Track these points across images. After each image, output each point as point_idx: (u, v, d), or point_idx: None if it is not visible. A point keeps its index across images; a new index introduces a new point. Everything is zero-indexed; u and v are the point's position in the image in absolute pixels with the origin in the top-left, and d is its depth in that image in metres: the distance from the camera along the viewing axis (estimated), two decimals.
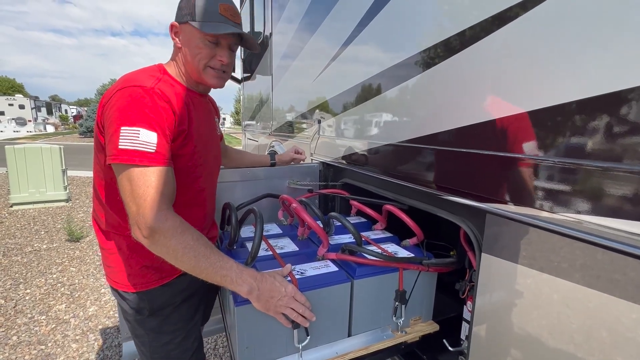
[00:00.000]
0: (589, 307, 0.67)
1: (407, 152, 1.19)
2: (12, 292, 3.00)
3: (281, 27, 2.56)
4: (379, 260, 1.10)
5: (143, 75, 0.98)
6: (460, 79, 0.93)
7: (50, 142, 14.24)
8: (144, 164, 0.86)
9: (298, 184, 1.83)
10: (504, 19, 0.79)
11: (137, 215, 0.85)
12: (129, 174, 0.86)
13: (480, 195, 0.88)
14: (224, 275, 0.88)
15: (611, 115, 0.61)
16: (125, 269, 1.07)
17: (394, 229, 1.44)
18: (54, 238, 4.31)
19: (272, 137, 3.08)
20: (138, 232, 0.87)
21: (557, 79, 0.69)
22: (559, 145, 0.70)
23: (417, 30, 1.11)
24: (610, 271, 0.63)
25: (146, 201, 0.85)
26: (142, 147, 0.85)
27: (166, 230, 0.85)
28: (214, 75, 1.07)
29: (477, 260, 0.95)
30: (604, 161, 0.63)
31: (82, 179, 8.21)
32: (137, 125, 0.86)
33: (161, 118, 0.91)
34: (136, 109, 0.87)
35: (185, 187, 1.06)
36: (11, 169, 5.31)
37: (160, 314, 1.11)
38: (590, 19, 0.64)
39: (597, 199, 0.64)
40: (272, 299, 0.89)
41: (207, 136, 1.16)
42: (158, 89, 0.93)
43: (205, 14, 0.98)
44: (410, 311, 1.18)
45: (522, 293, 0.82)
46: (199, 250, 0.87)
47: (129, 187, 0.86)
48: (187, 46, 1.02)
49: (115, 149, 0.85)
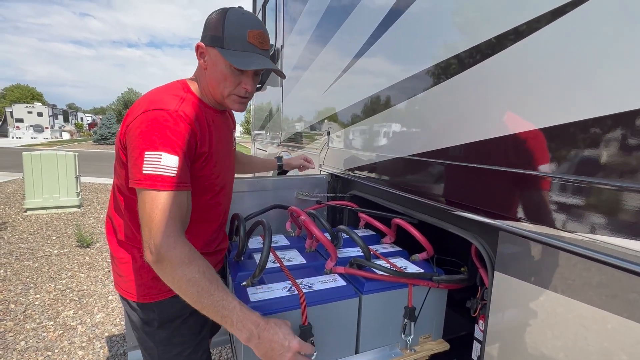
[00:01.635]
0: (606, 329, 0.65)
1: (417, 166, 1.18)
2: (22, 296, 3.03)
3: (292, 40, 2.60)
4: (388, 275, 1.08)
5: (167, 95, 0.97)
6: (473, 94, 0.93)
7: (65, 148, 14.64)
8: (165, 188, 0.87)
9: (306, 195, 1.83)
10: (521, 33, 0.78)
11: (149, 239, 0.85)
12: (148, 198, 0.87)
13: (493, 212, 0.87)
14: (225, 316, 0.82)
15: (629, 133, 0.59)
16: (136, 279, 1.07)
17: (402, 243, 1.42)
18: (64, 243, 4.37)
19: (281, 147, 3.11)
20: (149, 255, 0.86)
21: (574, 96, 0.68)
22: (575, 162, 0.69)
23: (431, 44, 1.11)
24: (628, 293, 0.61)
25: (158, 226, 0.85)
26: (164, 172, 0.86)
27: (173, 258, 0.84)
28: (237, 101, 1.06)
29: (489, 279, 0.92)
30: (620, 180, 0.61)
31: (94, 185, 8.37)
32: (159, 150, 0.87)
33: (183, 141, 0.91)
34: (159, 133, 0.88)
35: (202, 204, 1.07)
36: (27, 175, 5.45)
37: (170, 326, 1.10)
38: (610, 32, 0.63)
39: (614, 218, 0.62)
40: (273, 351, 0.82)
41: (225, 153, 1.17)
42: (182, 112, 0.93)
43: (234, 42, 0.96)
44: (419, 329, 1.15)
45: (537, 313, 0.79)
46: (202, 285, 0.83)
47: (146, 210, 0.87)
48: (212, 70, 1.01)
49: (139, 173, 0.86)
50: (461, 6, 0.99)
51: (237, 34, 0.96)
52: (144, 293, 1.07)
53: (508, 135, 0.82)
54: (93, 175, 9.43)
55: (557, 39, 0.71)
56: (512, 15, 0.80)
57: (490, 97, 0.88)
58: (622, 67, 0.61)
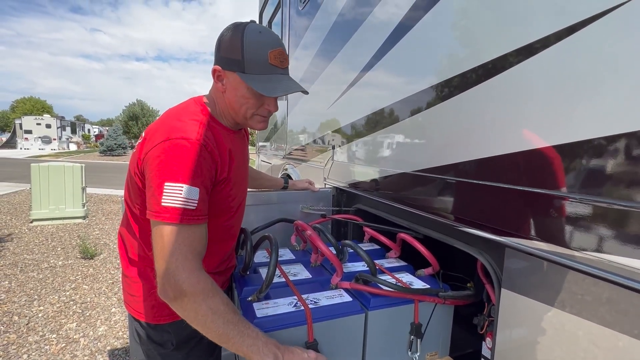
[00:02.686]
0: (615, 347, 0.64)
1: (422, 181, 1.19)
2: (26, 308, 3.03)
3: (298, 54, 2.66)
4: (394, 291, 1.07)
5: (186, 120, 0.94)
6: (480, 111, 0.94)
7: (72, 159, 14.79)
8: (184, 222, 0.83)
9: (311, 208, 1.83)
10: (530, 50, 0.80)
11: (167, 275, 0.81)
12: (166, 231, 0.83)
13: (500, 228, 0.87)
14: (251, 344, 0.80)
15: (636, 152, 0.60)
16: (149, 299, 1.04)
17: (408, 257, 1.42)
18: (69, 255, 4.38)
19: (286, 160, 3.13)
20: (166, 292, 0.82)
21: (579, 114, 0.69)
22: (581, 180, 0.69)
23: (437, 60, 1.13)
24: (633, 310, 0.60)
25: (178, 260, 0.81)
26: (184, 205, 0.83)
27: (197, 294, 0.80)
28: (260, 121, 1.04)
29: (496, 296, 0.92)
30: (625, 198, 0.61)
31: (99, 196, 8.43)
32: (180, 182, 0.84)
33: (204, 171, 0.89)
34: (180, 164, 0.85)
35: (218, 225, 1.05)
36: (34, 186, 5.51)
37: (186, 346, 1.07)
38: (619, 49, 0.65)
39: (619, 236, 0.62)
40: None
41: (242, 176, 1.15)
42: (203, 140, 0.90)
43: (255, 66, 0.92)
44: (426, 346, 1.14)
45: (545, 331, 0.78)
46: (228, 317, 0.81)
47: (164, 244, 0.82)
48: (232, 94, 0.97)
49: (158, 205, 0.83)
50: (467, 24, 1.02)
51: (257, 58, 0.92)
52: (158, 314, 1.04)
53: (514, 153, 0.83)
54: (99, 186, 9.52)
55: (562, 58, 0.73)
56: (517, 35, 0.82)
57: (496, 114, 0.89)
58: (629, 86, 0.62)
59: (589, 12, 0.66)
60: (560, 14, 0.72)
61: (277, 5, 3.32)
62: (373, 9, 1.50)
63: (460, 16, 1.05)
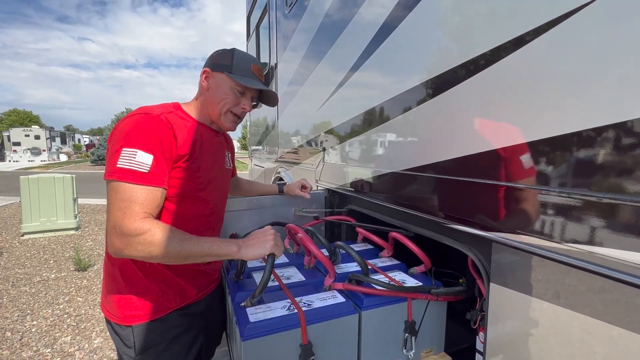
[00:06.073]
0: (600, 338, 0.65)
1: (412, 180, 1.20)
2: (18, 324, 2.98)
3: (287, 57, 2.66)
4: (387, 290, 1.08)
5: (155, 106, 1.07)
6: (466, 108, 0.95)
7: (62, 170, 14.57)
8: (134, 182, 0.91)
9: (304, 211, 1.84)
10: (511, 47, 0.80)
11: (113, 227, 0.88)
12: (117, 189, 0.91)
13: (486, 224, 0.88)
14: (211, 246, 0.94)
15: (615, 145, 0.61)
16: (116, 297, 1.07)
17: (401, 256, 1.43)
18: (62, 267, 4.32)
19: (278, 163, 3.13)
20: (114, 244, 0.88)
21: (559, 109, 0.71)
22: (563, 174, 0.71)
23: (423, 59, 1.14)
24: (622, 303, 0.62)
25: (125, 213, 0.88)
26: (136, 167, 0.92)
27: (144, 231, 0.87)
28: (231, 120, 1.19)
29: (486, 290, 0.93)
30: (611, 192, 0.62)
31: (91, 206, 8.33)
32: (135, 147, 0.93)
33: (160, 142, 0.97)
34: (138, 133, 0.95)
35: (187, 217, 1.10)
36: (24, 199, 5.42)
37: (152, 352, 1.08)
38: (600, 44, 0.66)
39: (604, 230, 0.63)
40: (258, 239, 0.99)
41: (214, 169, 1.20)
42: (164, 117, 1.01)
43: (240, 70, 1.14)
44: (421, 343, 1.15)
45: (533, 323, 0.79)
46: (180, 236, 0.91)
47: (114, 200, 0.90)
48: (215, 90, 1.14)
49: (113, 166, 0.91)
50: (452, 20, 1.03)
51: (243, 65, 1.15)
52: (124, 314, 1.06)
53: (498, 149, 0.85)
54: (91, 197, 9.39)
55: (545, 53, 0.74)
56: (503, 29, 0.83)
57: (481, 111, 0.90)
58: (609, 80, 0.63)
59: (565, 8, 0.68)
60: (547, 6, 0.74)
61: (264, 9, 3.32)
62: (359, 9, 1.51)
63: (444, 14, 1.06)
